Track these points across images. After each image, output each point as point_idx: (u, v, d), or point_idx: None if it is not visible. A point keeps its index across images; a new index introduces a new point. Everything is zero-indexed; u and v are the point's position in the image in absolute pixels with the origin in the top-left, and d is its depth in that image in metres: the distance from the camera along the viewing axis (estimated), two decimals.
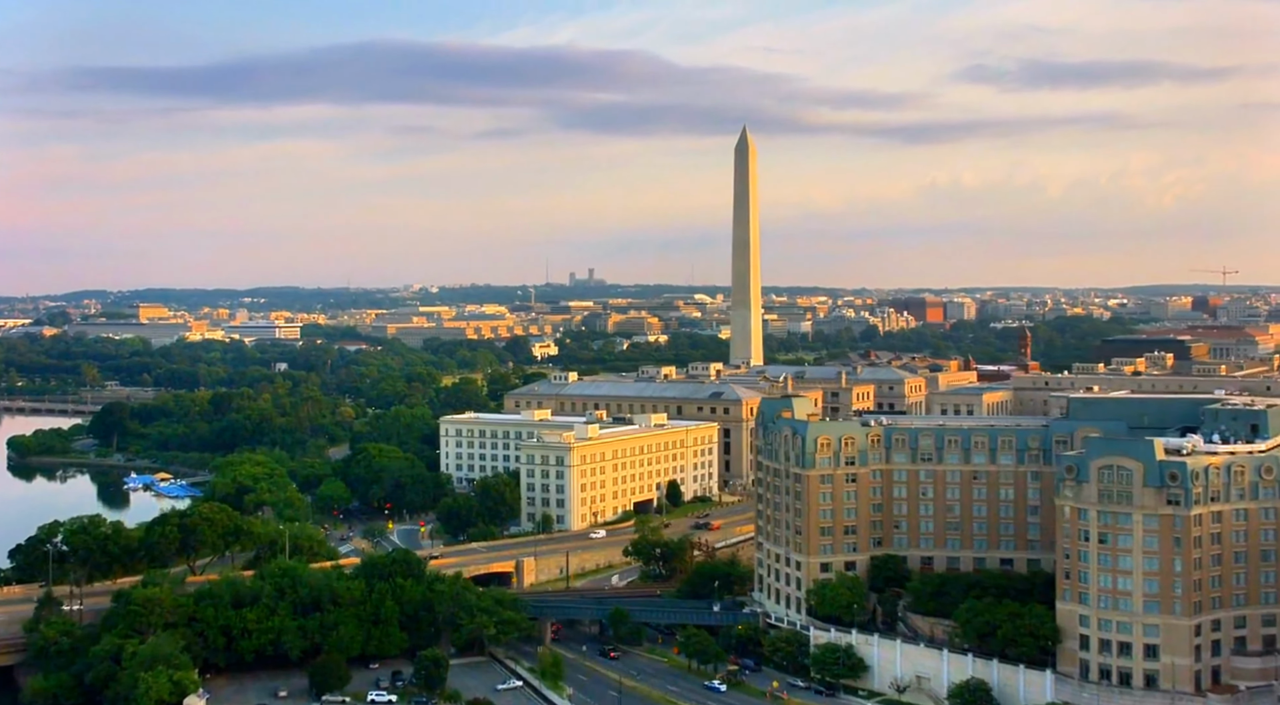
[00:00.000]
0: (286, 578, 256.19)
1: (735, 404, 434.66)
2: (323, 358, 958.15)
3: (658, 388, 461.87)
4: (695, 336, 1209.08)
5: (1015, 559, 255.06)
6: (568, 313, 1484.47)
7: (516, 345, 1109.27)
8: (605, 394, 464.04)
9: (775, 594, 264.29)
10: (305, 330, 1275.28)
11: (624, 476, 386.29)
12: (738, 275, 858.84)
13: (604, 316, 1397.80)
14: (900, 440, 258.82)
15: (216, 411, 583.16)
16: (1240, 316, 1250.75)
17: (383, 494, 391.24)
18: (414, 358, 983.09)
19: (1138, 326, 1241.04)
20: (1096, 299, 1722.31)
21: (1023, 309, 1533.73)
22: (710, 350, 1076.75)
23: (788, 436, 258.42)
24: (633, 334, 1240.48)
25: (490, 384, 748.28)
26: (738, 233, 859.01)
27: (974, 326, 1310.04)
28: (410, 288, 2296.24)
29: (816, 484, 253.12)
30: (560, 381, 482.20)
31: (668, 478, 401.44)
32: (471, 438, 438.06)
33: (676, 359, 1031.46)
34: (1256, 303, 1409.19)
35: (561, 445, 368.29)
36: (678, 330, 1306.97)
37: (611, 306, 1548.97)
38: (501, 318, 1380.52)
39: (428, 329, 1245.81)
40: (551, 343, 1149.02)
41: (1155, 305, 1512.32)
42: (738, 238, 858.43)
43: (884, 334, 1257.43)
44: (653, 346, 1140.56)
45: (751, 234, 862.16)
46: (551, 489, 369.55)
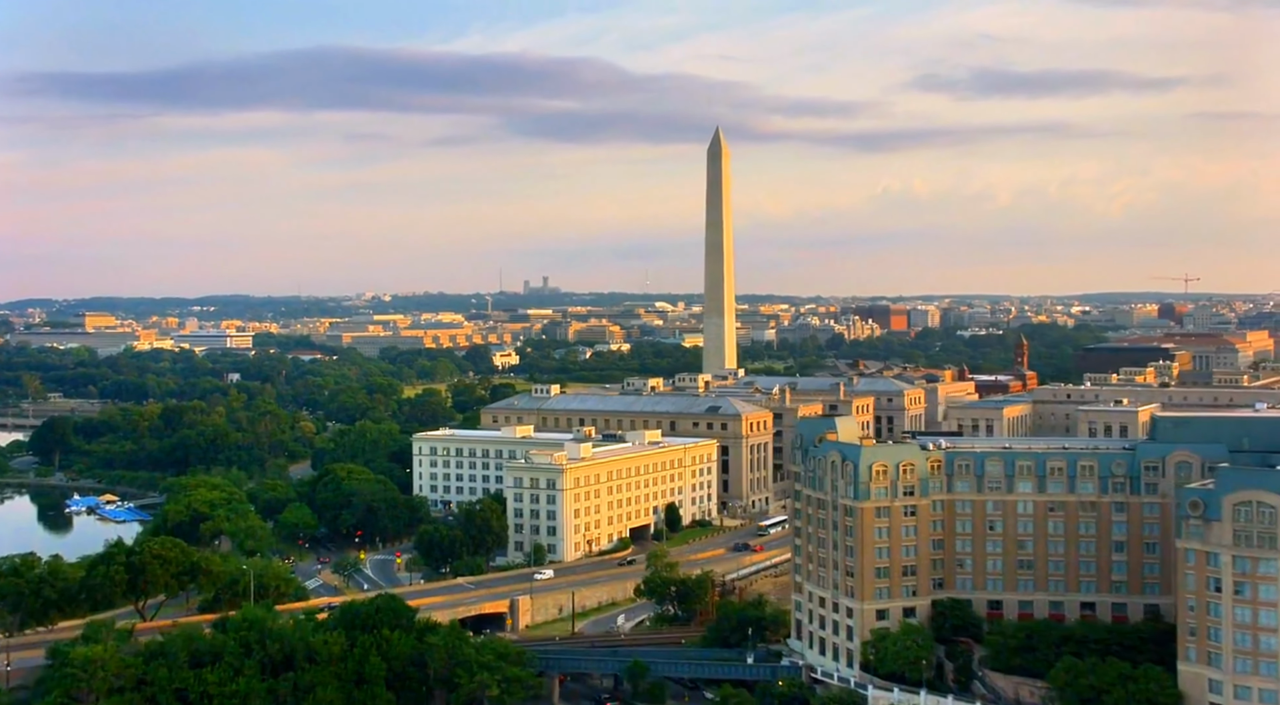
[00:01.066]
0: (253, 630, 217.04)
1: (734, 419, 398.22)
2: (277, 368, 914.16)
3: (648, 402, 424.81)
4: (659, 345, 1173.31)
5: (1098, 604, 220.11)
6: (527, 321, 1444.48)
7: (477, 354, 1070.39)
8: (591, 409, 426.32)
9: (819, 644, 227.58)
10: (257, 339, 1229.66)
11: (620, 500, 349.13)
12: (710, 281, 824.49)
13: (564, 325, 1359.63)
14: (964, 466, 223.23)
15: (167, 426, 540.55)
16: (1207, 324, 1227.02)
17: (353, 520, 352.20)
18: (372, 368, 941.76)
19: (1106, 334, 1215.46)
20: (1059, 307, 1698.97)
21: (987, 316, 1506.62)
22: (676, 359, 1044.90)
23: (835, 463, 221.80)
24: (595, 343, 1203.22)
25: (455, 395, 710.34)
26: (711, 237, 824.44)
27: (940, 334, 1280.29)
28: (363, 296, 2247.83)
29: (871, 518, 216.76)
30: (542, 395, 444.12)
31: (665, 500, 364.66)
32: (447, 457, 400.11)
33: (642, 368, 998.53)
34: (1223, 310, 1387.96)
35: (553, 467, 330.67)
36: (640, 339, 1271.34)
37: (571, 315, 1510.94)
38: (459, 326, 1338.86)
39: (384, 338, 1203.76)
40: (513, 352, 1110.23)
41: (1120, 313, 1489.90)
42: (711, 242, 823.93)
43: (850, 342, 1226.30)
44: (616, 355, 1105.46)
45: (725, 239, 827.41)
46: (542, 515, 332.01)
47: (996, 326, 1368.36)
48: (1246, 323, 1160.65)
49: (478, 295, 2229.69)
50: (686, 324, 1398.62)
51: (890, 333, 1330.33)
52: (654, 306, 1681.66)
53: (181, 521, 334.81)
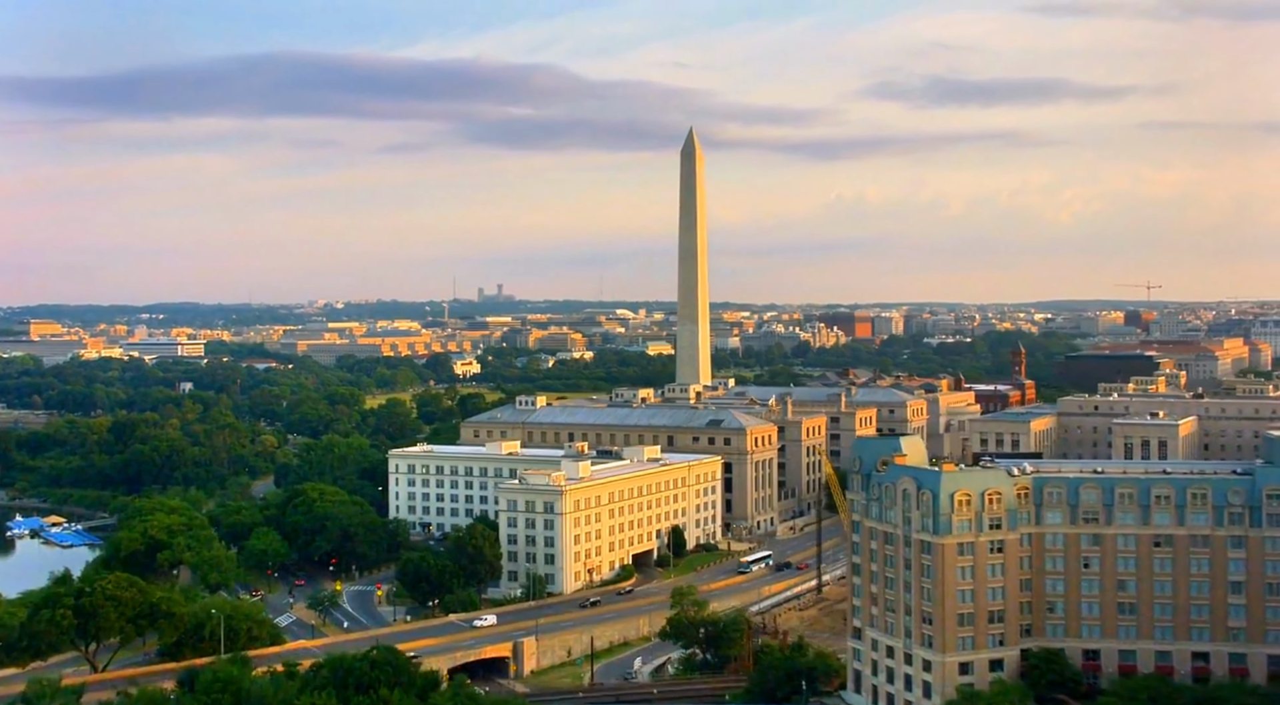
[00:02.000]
0: (226, 692, 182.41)
1: (737, 433, 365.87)
2: (231, 377, 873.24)
3: (642, 415, 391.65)
4: (623, 353, 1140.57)
5: (1213, 654, 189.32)
6: (486, 329, 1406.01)
7: (438, 363, 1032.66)
8: (581, 422, 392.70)
9: (885, 699, 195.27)
10: (209, 347, 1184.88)
11: (622, 524, 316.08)
12: (684, 287, 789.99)
13: (524, 332, 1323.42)
14: (1055, 495, 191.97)
15: (118, 440, 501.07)
16: (1176, 331, 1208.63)
17: (327, 547, 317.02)
18: (330, 377, 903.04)
19: (1075, 341, 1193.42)
20: (1020, 314, 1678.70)
21: (951, 324, 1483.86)
22: (643, 368, 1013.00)
23: (909, 492, 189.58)
24: (556, 350, 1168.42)
25: (420, 406, 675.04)
26: (684, 241, 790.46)
27: (906, 341, 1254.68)
28: (315, 303, 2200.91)
29: (953, 556, 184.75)
30: (527, 407, 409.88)
31: (668, 523, 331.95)
32: (426, 475, 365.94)
33: (609, 377, 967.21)
34: (1188, 317, 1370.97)
35: (551, 488, 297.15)
36: (603, 347, 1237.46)
37: (530, 322, 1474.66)
38: (417, 334, 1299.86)
39: (340, 346, 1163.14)
40: (474, 360, 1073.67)
41: (1085, 320, 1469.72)
42: (684, 247, 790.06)
43: (816, 349, 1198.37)
44: (579, 363, 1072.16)
45: (699, 243, 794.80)
46: (539, 542, 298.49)
47: (961, 333, 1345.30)
48: (1216, 330, 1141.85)
49: (432, 303, 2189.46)
50: (650, 332, 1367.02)
51: (855, 340, 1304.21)
52: (615, 313, 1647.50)
53: (136, 550, 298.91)
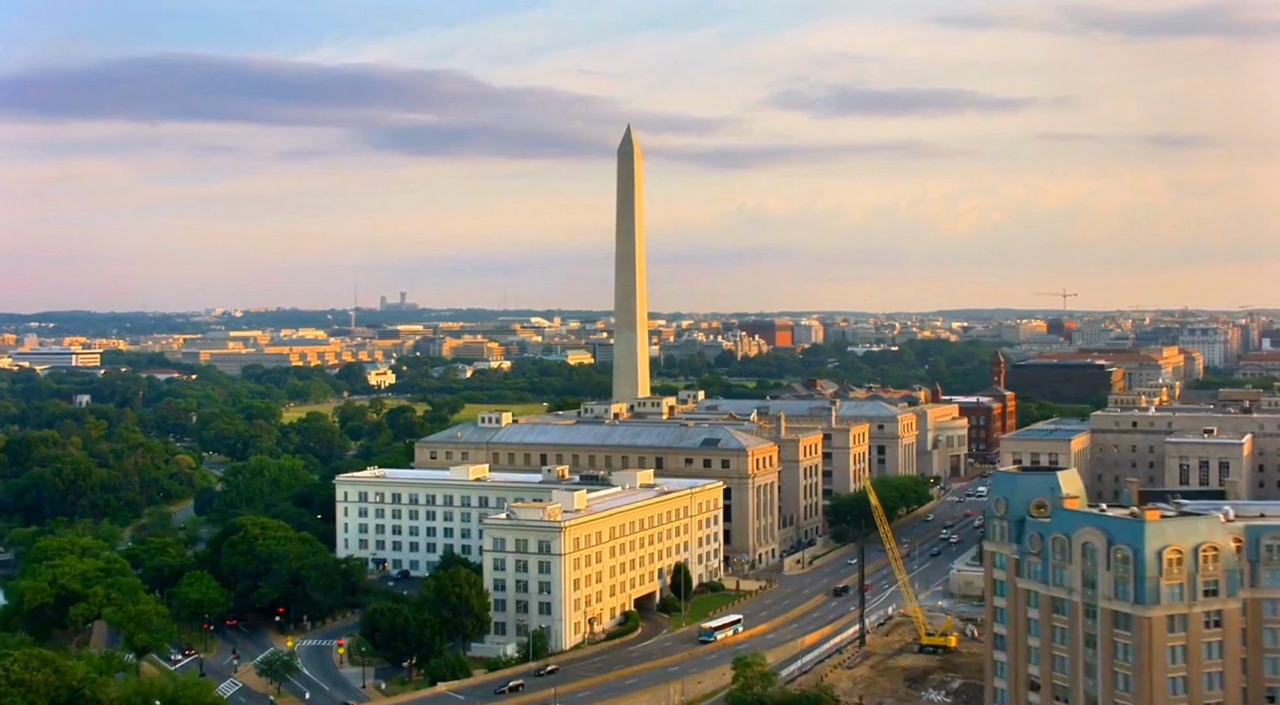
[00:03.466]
0: None
1: (737, 454, 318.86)
2: (132, 389, 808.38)
3: (625, 432, 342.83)
4: (543, 363, 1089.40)
5: None
6: (396, 337, 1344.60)
7: (351, 372, 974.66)
8: (556, 442, 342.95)
9: None
10: (106, 357, 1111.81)
11: (623, 564, 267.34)
12: (622, 293, 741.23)
13: (437, 341, 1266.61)
14: (1275, 549, 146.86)
15: (12, 462, 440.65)
16: (1102, 340, 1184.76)
17: (274, 595, 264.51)
18: (238, 388, 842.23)
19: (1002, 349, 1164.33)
20: (937, 322, 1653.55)
21: (871, 332, 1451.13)
22: (567, 378, 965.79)
23: (1094, 546, 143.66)
24: (472, 360, 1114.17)
25: (343, 420, 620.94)
26: (622, 245, 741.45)
27: (830, 350, 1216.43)
28: (213, 312, 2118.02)
29: (1163, 633, 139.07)
30: (491, 425, 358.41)
31: (672, 560, 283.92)
32: (380, 505, 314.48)
33: (533, 388, 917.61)
34: (1109, 325, 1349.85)
35: (547, 525, 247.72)
36: (520, 356, 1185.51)
37: (442, 331, 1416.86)
38: (325, 343, 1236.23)
39: (246, 355, 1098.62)
40: (388, 370, 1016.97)
41: (1006, 328, 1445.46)
42: (622, 251, 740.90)
43: (741, 358, 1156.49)
44: (499, 373, 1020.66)
45: (637, 247, 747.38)
46: (532, 588, 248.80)
47: (882, 342, 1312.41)
48: (1145, 338, 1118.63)
49: (334, 311, 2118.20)
50: (567, 340, 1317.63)
51: (776, 349, 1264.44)
52: (529, 322, 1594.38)
53: (44, 604, 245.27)
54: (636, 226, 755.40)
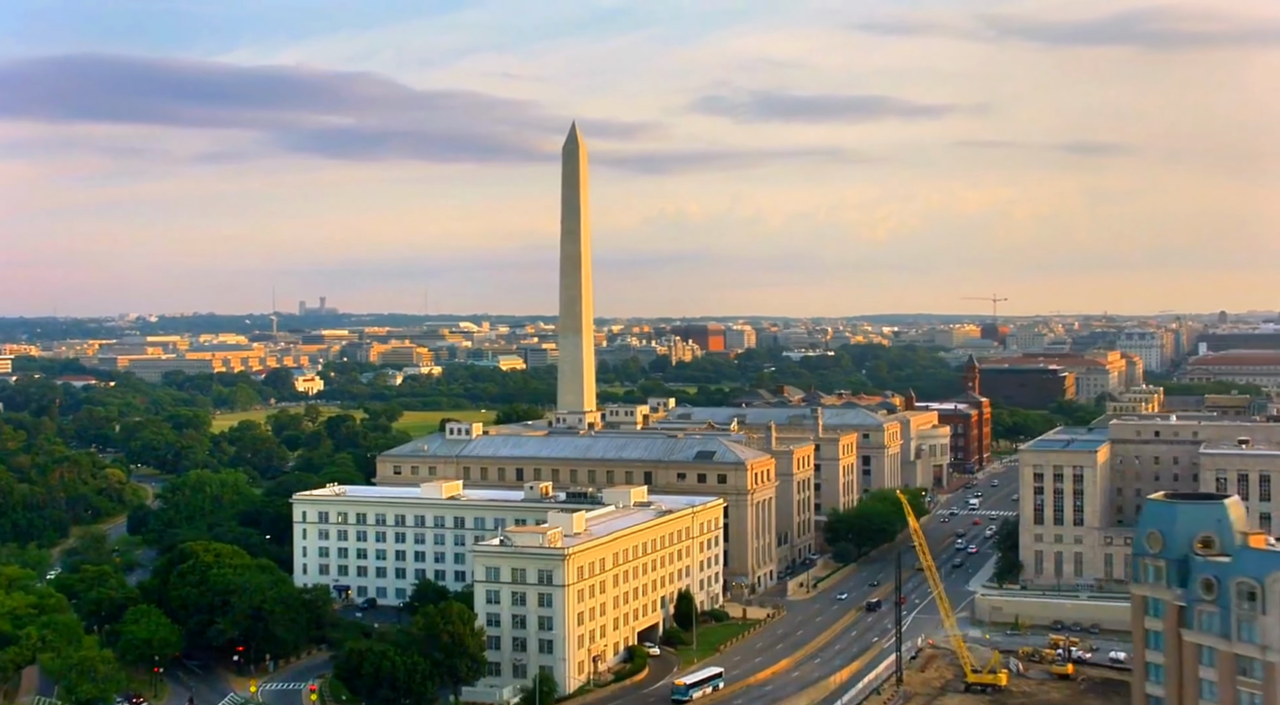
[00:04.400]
0: None
1: (735, 469, 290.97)
2: (48, 396, 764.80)
3: (610, 444, 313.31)
4: (475, 368, 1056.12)
5: None
6: (321, 342, 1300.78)
7: (278, 379, 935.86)
8: (534, 456, 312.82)
9: None
10: (17, 363, 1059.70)
11: (626, 593, 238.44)
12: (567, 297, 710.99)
13: (364, 347, 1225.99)
14: None
15: None
16: (1039, 345, 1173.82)
17: (233, 632, 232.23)
18: (161, 395, 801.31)
19: (939, 354, 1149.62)
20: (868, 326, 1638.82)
21: (804, 337, 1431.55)
22: (504, 384, 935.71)
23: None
24: (402, 365, 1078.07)
25: (277, 429, 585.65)
26: (567, 247, 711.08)
27: (764, 355, 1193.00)
28: (126, 317, 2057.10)
29: None
30: (460, 436, 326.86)
31: (674, 587, 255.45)
32: (344, 526, 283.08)
33: (468, 395, 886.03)
34: (1042, 330, 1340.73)
35: (548, 552, 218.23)
36: (450, 361, 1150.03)
37: (369, 336, 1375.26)
38: (248, 348, 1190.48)
39: (166, 361, 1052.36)
40: (315, 376, 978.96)
41: (939, 333, 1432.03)
42: (567, 253, 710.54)
43: (676, 363, 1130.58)
44: (431, 380, 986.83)
45: (583, 249, 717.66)
46: (531, 624, 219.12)
47: (814, 346, 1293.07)
48: (1081, 343, 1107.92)
49: (253, 316, 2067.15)
50: (496, 346, 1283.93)
51: (710, 353, 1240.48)
52: (458, 327, 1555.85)
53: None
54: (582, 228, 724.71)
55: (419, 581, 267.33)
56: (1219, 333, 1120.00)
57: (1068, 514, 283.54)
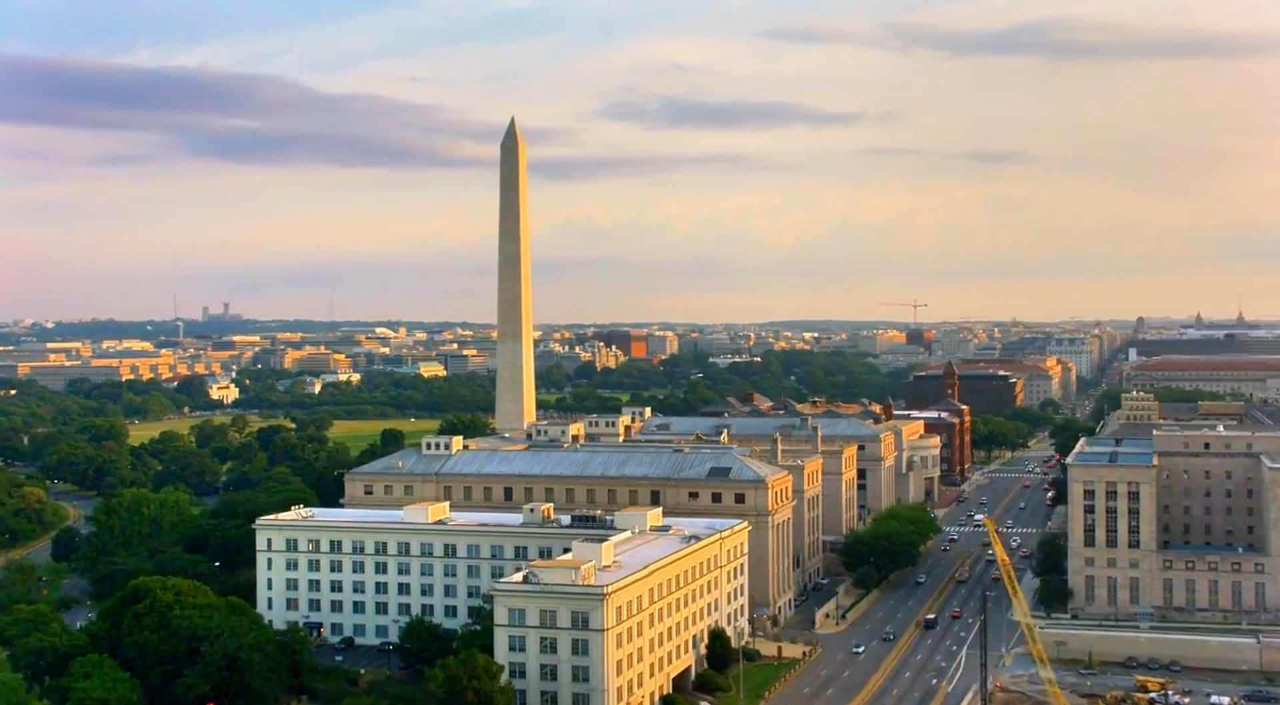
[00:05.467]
0: None
1: (754, 487, 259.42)
2: None
3: (610, 461, 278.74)
4: (395, 375, 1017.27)
5: None
6: (233, 349, 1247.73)
7: (191, 386, 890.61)
8: (524, 473, 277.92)
9: None
10: None
11: (660, 635, 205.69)
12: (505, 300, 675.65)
13: (277, 353, 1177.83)
14: None
15: None
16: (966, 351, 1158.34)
17: (204, 686, 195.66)
18: (68, 404, 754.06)
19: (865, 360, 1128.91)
20: (787, 332, 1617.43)
21: (727, 343, 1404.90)
22: (426, 391, 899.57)
23: None
24: (319, 372, 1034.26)
25: (200, 439, 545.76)
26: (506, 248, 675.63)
27: (689, 361, 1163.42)
28: (21, 322, 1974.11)
29: None
30: (439, 452, 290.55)
31: (704, 624, 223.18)
32: (314, 555, 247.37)
33: (394, 403, 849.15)
34: (966, 335, 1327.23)
35: (586, 591, 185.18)
36: (368, 368, 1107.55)
37: (282, 342, 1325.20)
38: (156, 355, 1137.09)
39: (71, 368, 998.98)
40: (230, 384, 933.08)
41: (863, 339, 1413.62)
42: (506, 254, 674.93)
43: (602, 370, 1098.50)
44: (350, 387, 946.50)
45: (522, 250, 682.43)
46: (564, 676, 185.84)
47: (736, 352, 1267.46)
48: (1011, 348, 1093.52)
49: (154, 322, 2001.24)
50: (415, 352, 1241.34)
51: (634, 360, 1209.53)
52: (374, 332, 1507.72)
53: None
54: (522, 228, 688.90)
55: (409, 620, 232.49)
56: (1148, 338, 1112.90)
57: (1121, 535, 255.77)
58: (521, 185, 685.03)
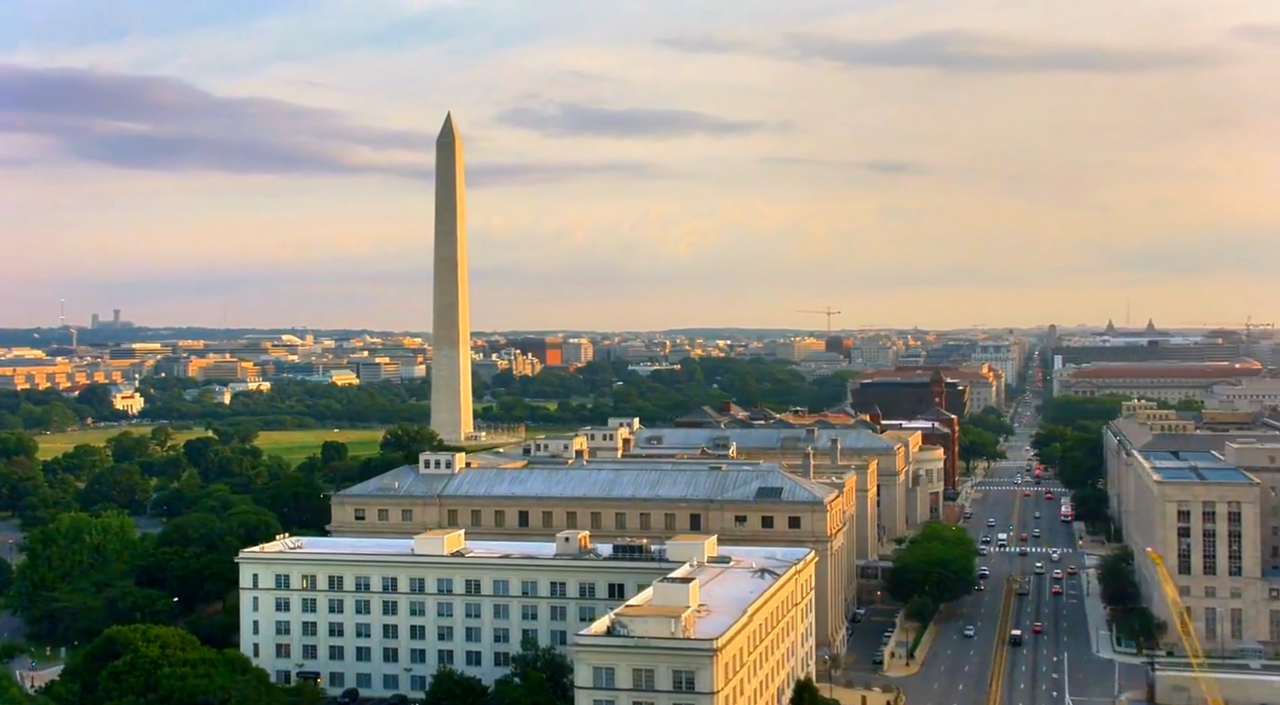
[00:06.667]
0: None
1: (812, 510, 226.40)
2: None
3: (640, 480, 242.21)
4: (309, 384, 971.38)
5: None
6: (133, 357, 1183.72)
7: (94, 396, 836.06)
8: (541, 495, 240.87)
9: None
10: None
11: (757, 689, 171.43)
12: (442, 305, 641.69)
13: (180, 361, 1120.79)
14: None
15: None
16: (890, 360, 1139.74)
17: None
18: None
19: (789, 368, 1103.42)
20: (700, 340, 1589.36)
21: (643, 351, 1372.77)
22: (340, 400, 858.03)
23: None
24: (226, 381, 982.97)
25: (118, 454, 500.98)
26: (442, 249, 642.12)
27: (609, 369, 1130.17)
28: None
29: None
30: (439, 471, 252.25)
31: (783, 672, 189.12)
32: (309, 593, 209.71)
33: (313, 413, 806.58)
34: (887, 343, 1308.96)
35: (693, 647, 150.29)
36: (277, 376, 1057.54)
37: (184, 349, 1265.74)
38: (51, 363, 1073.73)
39: None
40: (134, 392, 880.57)
41: (780, 347, 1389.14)
42: (442, 256, 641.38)
43: (520, 378, 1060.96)
44: (262, 396, 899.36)
45: (459, 253, 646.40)
46: None
47: (654, 360, 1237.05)
48: (935, 356, 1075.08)
49: (41, 329, 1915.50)
50: (324, 360, 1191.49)
51: (551, 368, 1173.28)
52: (280, 340, 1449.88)
53: None
54: (459, 228, 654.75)
55: (426, 669, 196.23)
56: (1073, 346, 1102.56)
57: (1220, 562, 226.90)
58: (458, 183, 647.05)
